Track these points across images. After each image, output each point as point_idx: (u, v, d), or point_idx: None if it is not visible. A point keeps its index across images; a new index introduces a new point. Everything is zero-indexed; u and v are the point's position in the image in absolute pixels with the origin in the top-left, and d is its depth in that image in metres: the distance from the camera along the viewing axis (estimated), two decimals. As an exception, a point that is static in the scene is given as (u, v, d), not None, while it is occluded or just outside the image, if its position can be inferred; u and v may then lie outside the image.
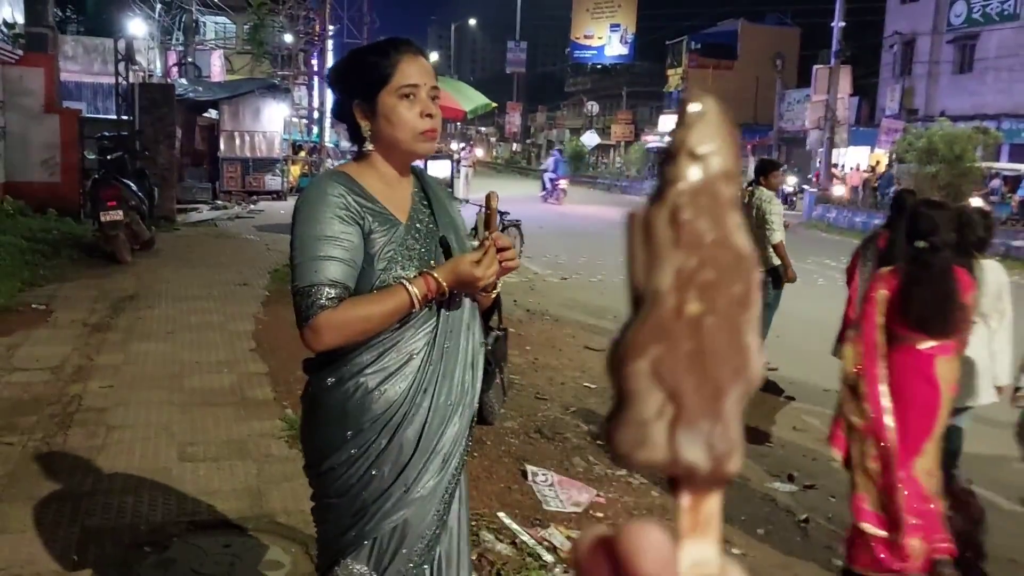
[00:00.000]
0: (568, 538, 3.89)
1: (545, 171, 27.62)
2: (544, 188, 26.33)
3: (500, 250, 1.98)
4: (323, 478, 2.00)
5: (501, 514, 4.05)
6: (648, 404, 0.54)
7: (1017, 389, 4.32)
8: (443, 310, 2.00)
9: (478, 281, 1.92)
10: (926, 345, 3.64)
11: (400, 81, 1.95)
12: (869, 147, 29.62)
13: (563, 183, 26.13)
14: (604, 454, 5.08)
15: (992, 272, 4.39)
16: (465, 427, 2.06)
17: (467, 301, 2.08)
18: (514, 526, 3.93)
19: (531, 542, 3.80)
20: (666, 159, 0.56)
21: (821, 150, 26.90)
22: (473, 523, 3.85)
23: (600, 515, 4.21)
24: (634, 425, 0.54)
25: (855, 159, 30.43)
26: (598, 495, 4.42)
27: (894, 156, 25.05)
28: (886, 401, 3.64)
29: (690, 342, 0.54)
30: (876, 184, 25.91)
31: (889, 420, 3.63)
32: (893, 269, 3.82)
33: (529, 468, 4.66)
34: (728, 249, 0.56)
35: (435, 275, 1.91)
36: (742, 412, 0.53)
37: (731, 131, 0.57)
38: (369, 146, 2.01)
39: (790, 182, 26.77)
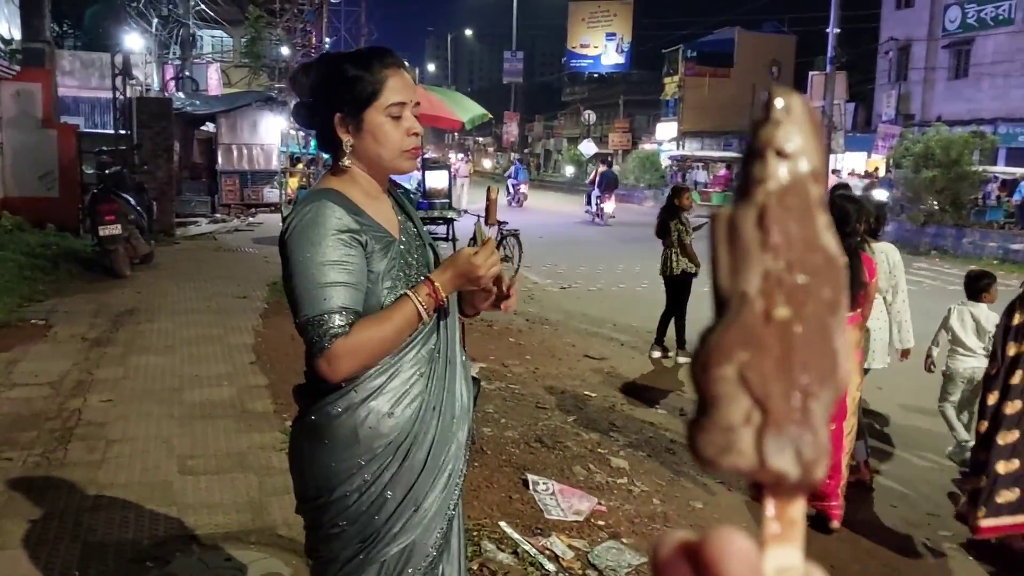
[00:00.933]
0: (569, 547, 3.89)
1: (508, 177, 29.05)
2: (508, 193, 27.17)
3: (501, 290, 1.98)
4: (332, 507, 1.92)
5: (502, 523, 4.04)
6: (735, 410, 0.53)
7: (928, 356, 5.48)
8: (442, 323, 1.98)
9: (478, 272, 1.86)
10: None
11: (389, 99, 1.88)
12: (865, 153, 29.66)
13: (523, 187, 27.74)
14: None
15: (884, 253, 5.19)
16: (464, 440, 2.03)
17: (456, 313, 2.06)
18: (515, 535, 3.93)
19: (533, 551, 3.79)
20: (751, 157, 0.55)
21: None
22: (475, 533, 3.85)
23: (601, 523, 4.21)
24: (720, 431, 0.53)
25: (851, 165, 30.48)
26: (599, 504, 4.41)
27: (891, 161, 25.07)
28: None
29: (778, 347, 0.53)
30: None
31: None
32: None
33: (530, 477, 4.65)
34: (817, 251, 0.55)
35: (434, 279, 1.86)
36: (829, 416, 0.53)
37: (817, 129, 0.55)
38: (347, 161, 1.92)
39: None
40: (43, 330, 7.54)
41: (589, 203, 24.29)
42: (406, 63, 2.03)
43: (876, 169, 27.36)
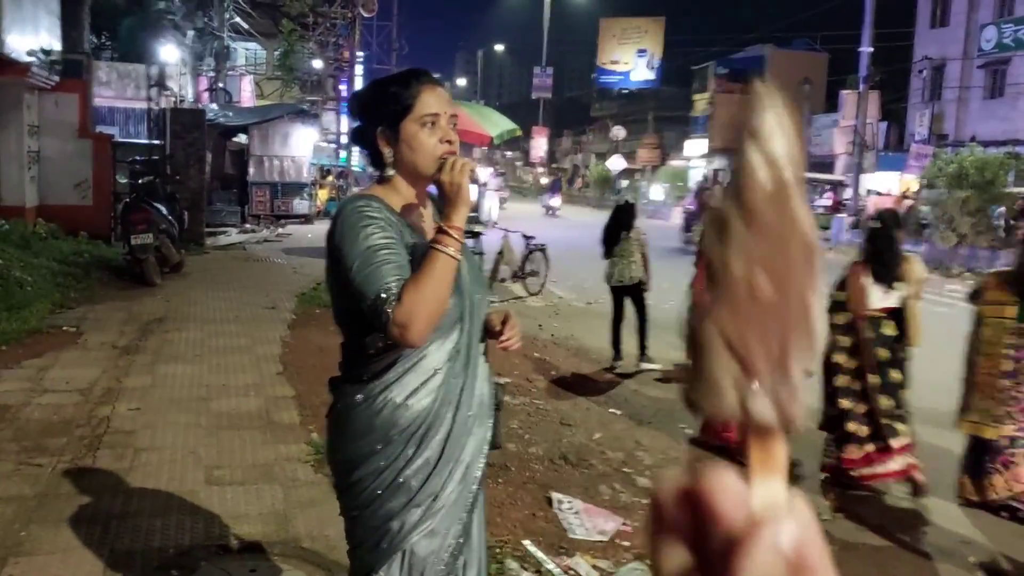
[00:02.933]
0: (594, 567, 3.85)
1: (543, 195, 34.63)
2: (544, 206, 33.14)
3: (503, 338, 2.16)
4: (351, 490, 2.06)
5: (526, 542, 4.02)
6: (720, 361, 0.62)
7: None
8: (464, 325, 2.08)
9: (452, 182, 1.97)
10: None
11: (422, 110, 2.03)
12: (898, 172, 29.39)
13: (555, 201, 32.87)
14: (625, 482, 5.03)
15: None
16: (483, 439, 2.15)
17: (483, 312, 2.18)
18: (539, 554, 3.90)
19: (556, 571, 3.76)
20: (737, 148, 0.63)
21: (850, 175, 26.71)
22: (498, 551, 3.83)
23: (626, 544, 4.17)
24: (707, 380, 0.62)
25: (884, 184, 30.18)
26: (624, 524, 4.37)
27: (924, 181, 24.82)
28: None
29: (759, 312, 0.61)
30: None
31: None
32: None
33: (554, 495, 4.62)
34: (793, 228, 0.63)
35: (443, 225, 1.97)
36: (803, 375, 0.61)
37: (796, 120, 0.64)
38: (391, 171, 2.08)
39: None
40: (74, 337, 7.64)
41: (688, 229, 21.85)
42: (441, 82, 2.17)
43: (908, 189, 27.05)
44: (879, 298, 5.08)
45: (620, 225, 8.37)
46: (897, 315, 5.06)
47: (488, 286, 2.75)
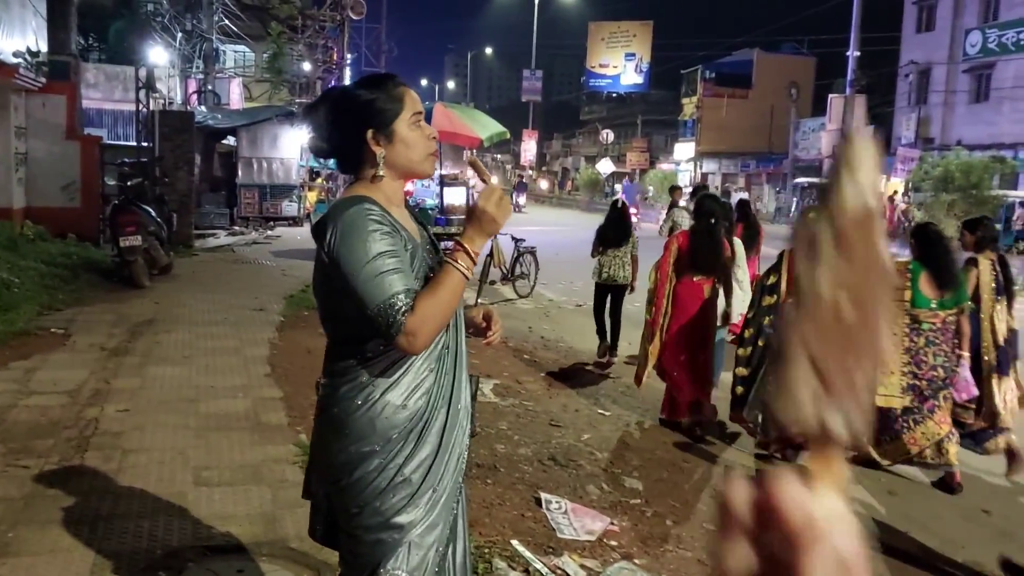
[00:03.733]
0: (582, 566, 3.87)
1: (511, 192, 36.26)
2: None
3: (489, 334, 2.28)
4: (351, 488, 2.09)
5: (514, 542, 4.03)
6: (802, 375, 0.67)
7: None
8: (451, 324, 2.16)
9: (492, 214, 2.04)
10: (698, 278, 6.31)
11: (410, 111, 2.13)
12: (884, 176, 29.58)
13: (520, 199, 36.21)
14: (614, 484, 5.05)
15: (738, 247, 6.70)
16: (467, 426, 2.22)
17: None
18: (527, 554, 3.91)
19: (544, 570, 3.77)
20: (828, 179, 0.69)
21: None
22: (486, 550, 3.84)
23: (614, 544, 4.19)
24: (788, 391, 0.67)
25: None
26: (612, 523, 4.40)
27: (910, 185, 24.97)
28: (666, 308, 6.34)
29: (840, 334, 0.67)
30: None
31: (664, 320, 6.34)
32: (684, 231, 6.75)
33: (543, 495, 4.64)
34: (875, 257, 0.68)
35: (463, 243, 2.05)
36: (871, 389, 0.68)
37: (879, 157, 0.70)
38: (382, 172, 2.12)
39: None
40: (62, 339, 7.61)
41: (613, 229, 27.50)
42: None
43: (895, 192, 27.21)
44: None
45: (616, 225, 8.49)
46: None
47: (478, 288, 2.81)
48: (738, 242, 6.81)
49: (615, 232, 8.49)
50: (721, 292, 6.33)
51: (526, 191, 42.05)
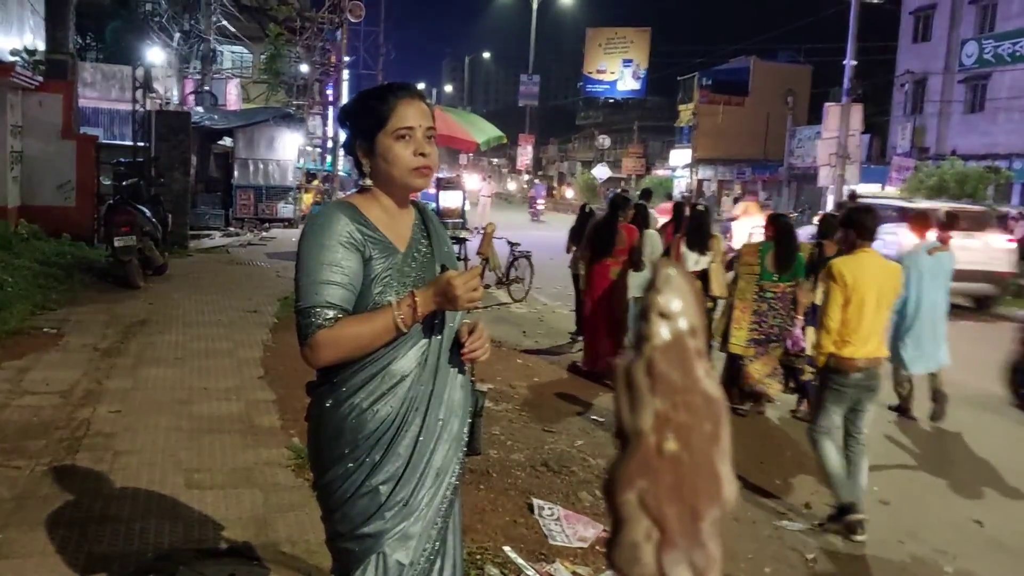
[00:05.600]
0: (574, 573, 3.87)
1: (532, 197, 37.11)
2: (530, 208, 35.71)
3: (466, 348, 2.13)
4: (324, 491, 2.12)
5: (506, 548, 4.02)
6: (637, 529, 0.66)
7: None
8: (434, 332, 2.11)
9: (456, 292, 1.96)
10: (607, 260, 8.04)
11: (396, 124, 2.08)
12: (880, 184, 29.65)
13: (540, 203, 35.69)
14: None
15: (649, 238, 8.21)
16: (457, 445, 2.17)
17: (458, 320, 2.20)
18: (519, 560, 3.91)
19: (536, 577, 3.77)
20: (642, 318, 0.67)
21: (832, 186, 26.87)
22: (478, 556, 3.84)
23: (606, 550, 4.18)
24: (627, 547, 0.66)
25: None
26: (605, 530, 4.38)
27: (905, 194, 24.98)
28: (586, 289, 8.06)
29: (670, 475, 0.65)
30: None
31: (588, 300, 8.17)
32: (597, 223, 8.52)
33: (535, 502, 4.63)
34: (697, 393, 0.67)
35: (416, 295, 2.01)
36: (718, 530, 0.65)
37: (695, 293, 0.69)
38: (368, 181, 2.15)
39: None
40: (55, 339, 7.58)
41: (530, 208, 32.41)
42: (422, 94, 2.21)
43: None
44: (693, 263, 7.96)
45: (613, 224, 8.48)
46: (703, 276, 7.87)
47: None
48: (652, 232, 8.41)
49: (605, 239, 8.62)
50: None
51: (545, 195, 39.12)
